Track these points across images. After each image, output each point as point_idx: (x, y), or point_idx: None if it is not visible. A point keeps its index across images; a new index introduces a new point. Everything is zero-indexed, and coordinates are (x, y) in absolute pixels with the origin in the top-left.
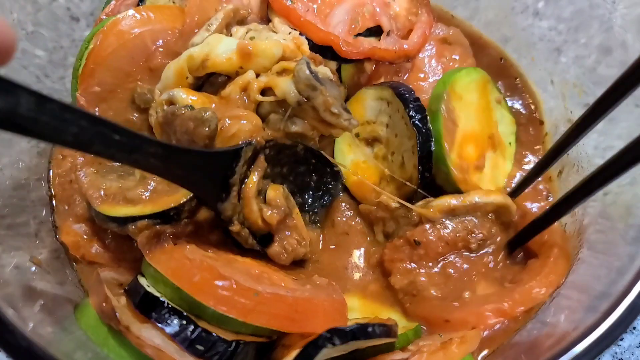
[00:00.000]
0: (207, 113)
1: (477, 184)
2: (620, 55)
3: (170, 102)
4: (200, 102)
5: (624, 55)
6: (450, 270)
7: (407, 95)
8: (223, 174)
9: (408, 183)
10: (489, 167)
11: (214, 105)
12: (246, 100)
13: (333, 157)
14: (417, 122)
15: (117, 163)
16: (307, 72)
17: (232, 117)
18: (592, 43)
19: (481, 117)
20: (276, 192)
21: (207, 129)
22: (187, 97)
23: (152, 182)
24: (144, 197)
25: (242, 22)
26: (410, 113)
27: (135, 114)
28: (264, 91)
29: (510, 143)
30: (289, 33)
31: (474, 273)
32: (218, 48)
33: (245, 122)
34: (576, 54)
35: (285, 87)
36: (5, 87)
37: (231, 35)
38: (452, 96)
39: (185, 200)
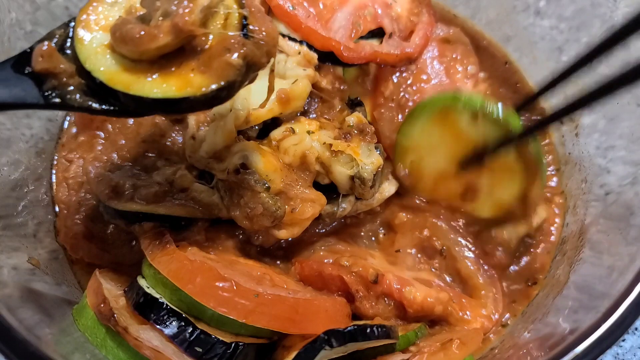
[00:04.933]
0: (279, 210)
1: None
2: (621, 54)
3: (243, 162)
4: (270, 167)
5: (626, 54)
6: None
7: None
8: None
9: None
10: (486, 189)
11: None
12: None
13: None
14: None
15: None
16: (370, 182)
17: (303, 200)
18: (593, 42)
19: (450, 150)
20: None
21: (269, 222)
22: (260, 162)
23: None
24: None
25: None
26: None
27: (162, 117)
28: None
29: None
30: (299, 53)
31: None
32: (252, 99)
33: (316, 205)
34: (578, 53)
35: (340, 178)
36: None
37: None
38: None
39: (200, 217)
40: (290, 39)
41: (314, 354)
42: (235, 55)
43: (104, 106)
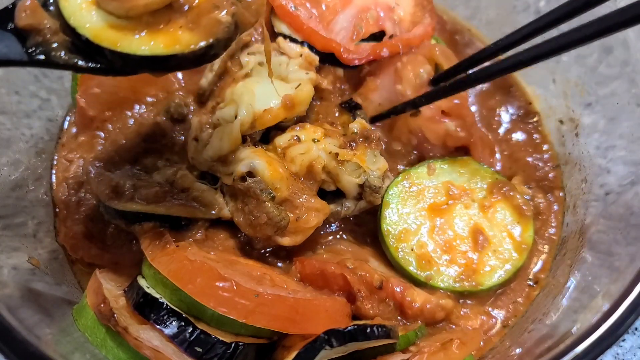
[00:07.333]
0: (283, 221)
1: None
2: (621, 54)
3: (249, 171)
4: (277, 176)
5: (625, 54)
6: None
7: None
8: None
9: None
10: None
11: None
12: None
13: None
14: None
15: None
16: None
17: (308, 209)
18: (593, 42)
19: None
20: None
21: (272, 231)
22: (267, 171)
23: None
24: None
25: (246, 45)
26: None
27: (164, 117)
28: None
29: None
30: (301, 56)
31: None
32: (257, 104)
33: (320, 214)
34: (577, 53)
35: (349, 186)
36: None
37: (242, 67)
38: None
39: (200, 217)
40: (292, 40)
41: (314, 354)
42: (224, 12)
43: (90, 64)
